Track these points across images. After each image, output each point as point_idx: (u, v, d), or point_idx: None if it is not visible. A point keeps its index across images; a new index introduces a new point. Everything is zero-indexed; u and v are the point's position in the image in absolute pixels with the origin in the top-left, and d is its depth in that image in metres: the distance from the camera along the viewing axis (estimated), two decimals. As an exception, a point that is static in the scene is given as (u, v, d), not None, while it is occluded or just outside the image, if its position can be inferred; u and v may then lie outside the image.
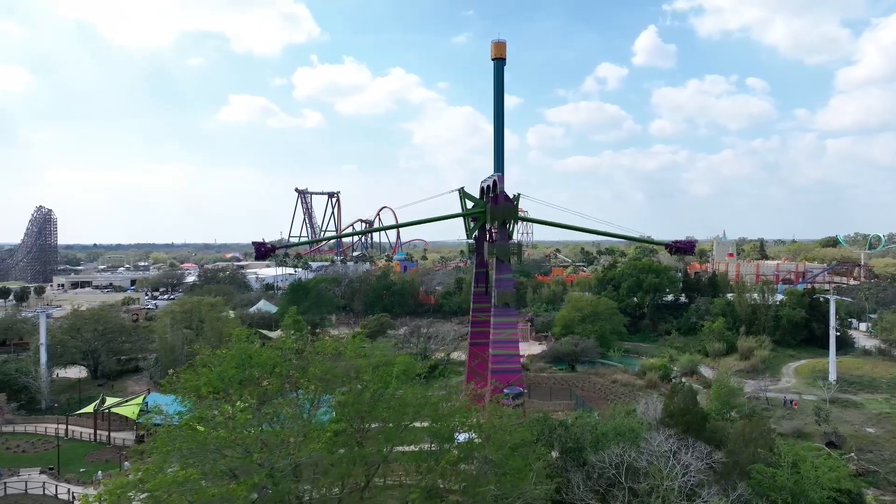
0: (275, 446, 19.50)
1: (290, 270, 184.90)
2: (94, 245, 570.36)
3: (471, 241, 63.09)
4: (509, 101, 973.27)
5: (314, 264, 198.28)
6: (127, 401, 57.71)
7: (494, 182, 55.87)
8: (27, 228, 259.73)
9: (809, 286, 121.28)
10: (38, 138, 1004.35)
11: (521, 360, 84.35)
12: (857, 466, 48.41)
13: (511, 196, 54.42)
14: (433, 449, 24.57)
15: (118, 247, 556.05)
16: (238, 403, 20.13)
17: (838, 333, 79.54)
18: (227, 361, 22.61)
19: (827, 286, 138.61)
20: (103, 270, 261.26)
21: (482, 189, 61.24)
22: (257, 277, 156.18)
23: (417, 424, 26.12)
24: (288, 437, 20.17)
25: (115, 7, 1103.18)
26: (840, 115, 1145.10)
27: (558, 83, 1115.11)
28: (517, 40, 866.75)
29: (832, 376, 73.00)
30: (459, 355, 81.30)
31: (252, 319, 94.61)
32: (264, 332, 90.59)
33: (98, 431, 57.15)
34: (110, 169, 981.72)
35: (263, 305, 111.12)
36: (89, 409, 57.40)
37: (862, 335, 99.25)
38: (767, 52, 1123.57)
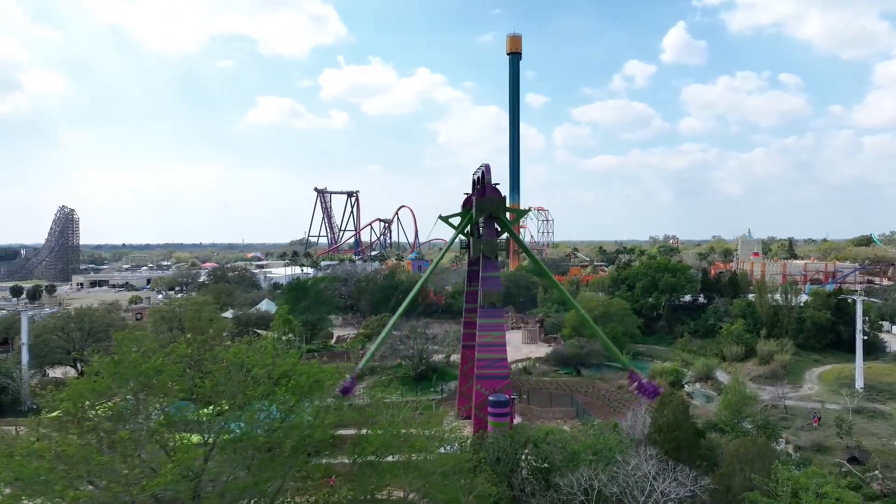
0: (107, 481, 16.08)
1: (308, 270, 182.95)
2: (123, 245, 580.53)
3: (463, 237, 59.60)
4: (535, 100, 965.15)
5: (323, 263, 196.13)
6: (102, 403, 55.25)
7: (483, 173, 52.10)
8: (50, 228, 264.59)
9: (838, 286, 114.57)
10: (74, 140, 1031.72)
11: (524, 363, 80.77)
12: (882, 486, 43.34)
13: (529, 209, 51.51)
14: (359, 464, 20.90)
15: (146, 247, 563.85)
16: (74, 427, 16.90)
17: (866, 337, 73.77)
18: (103, 371, 19.32)
19: (858, 286, 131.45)
20: (125, 270, 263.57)
21: (473, 182, 57.57)
22: (265, 277, 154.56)
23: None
24: (122, 469, 16.72)
25: (148, 12, 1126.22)
26: (878, 111, 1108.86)
27: (585, 81, 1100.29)
28: (544, 39, 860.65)
29: (859, 383, 67.49)
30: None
31: (249, 319, 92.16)
32: (261, 331, 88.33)
33: (70, 435, 54.74)
34: (142, 170, 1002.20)
35: (266, 305, 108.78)
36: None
37: (895, 339, 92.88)
38: (801, 48, 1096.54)
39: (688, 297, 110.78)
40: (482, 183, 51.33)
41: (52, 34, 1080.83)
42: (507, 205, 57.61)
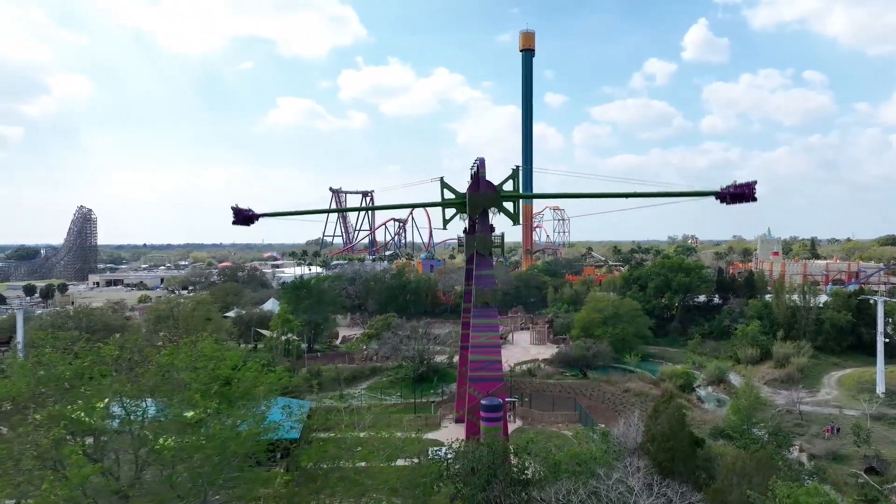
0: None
1: (318, 269, 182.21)
2: (144, 245, 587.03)
3: (461, 234, 57.59)
4: (554, 99, 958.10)
5: (333, 263, 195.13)
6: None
7: (478, 167, 49.96)
8: (69, 228, 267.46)
9: (859, 287, 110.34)
10: (98, 142, 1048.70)
11: (528, 365, 78.35)
12: (901, 500, 40.53)
13: (515, 167, 48.82)
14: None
15: (167, 247, 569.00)
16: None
17: (888, 340, 70.32)
18: (15, 374, 17.70)
19: (882, 287, 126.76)
20: (143, 269, 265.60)
21: (471, 177, 55.49)
22: (273, 275, 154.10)
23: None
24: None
25: (170, 16, 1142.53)
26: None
27: (605, 80, 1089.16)
28: (563, 37, 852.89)
29: (880, 388, 64.28)
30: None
31: (251, 318, 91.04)
32: (262, 331, 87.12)
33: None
34: (164, 171, 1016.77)
35: (271, 304, 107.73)
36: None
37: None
38: (826, 44, 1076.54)
39: (702, 298, 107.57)
40: (476, 177, 49.22)
41: (77, 38, 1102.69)
42: (521, 204, 54.71)
